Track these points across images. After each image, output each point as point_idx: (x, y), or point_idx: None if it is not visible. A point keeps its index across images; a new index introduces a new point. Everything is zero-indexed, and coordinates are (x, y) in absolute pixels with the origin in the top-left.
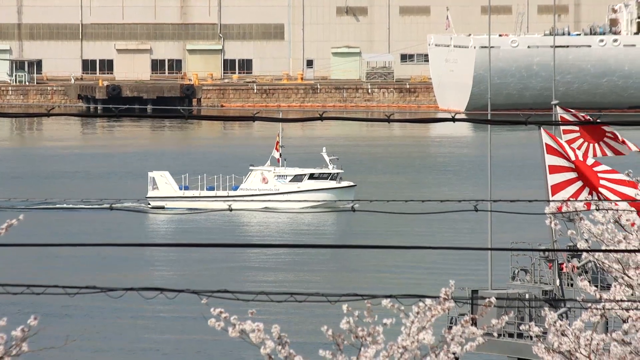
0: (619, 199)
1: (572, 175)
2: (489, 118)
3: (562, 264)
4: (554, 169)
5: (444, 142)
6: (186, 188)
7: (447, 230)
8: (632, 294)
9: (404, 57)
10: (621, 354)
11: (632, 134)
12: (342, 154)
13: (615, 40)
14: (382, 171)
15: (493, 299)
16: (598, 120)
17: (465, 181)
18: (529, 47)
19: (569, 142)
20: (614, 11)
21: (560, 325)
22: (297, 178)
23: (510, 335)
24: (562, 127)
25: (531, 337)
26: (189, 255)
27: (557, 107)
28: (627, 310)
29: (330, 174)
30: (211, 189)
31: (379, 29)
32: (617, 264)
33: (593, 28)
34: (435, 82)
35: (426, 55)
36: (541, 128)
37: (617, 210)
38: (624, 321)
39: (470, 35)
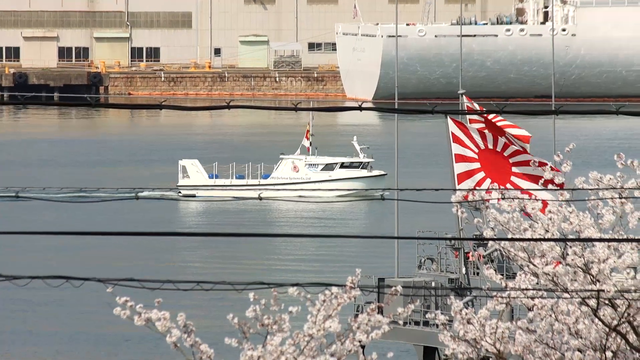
0: (528, 186)
1: (476, 165)
2: (395, 107)
3: (468, 252)
4: (460, 158)
5: (351, 130)
6: (215, 177)
7: (354, 218)
8: (537, 283)
9: (312, 46)
10: (526, 342)
11: (536, 122)
12: (252, 142)
13: (521, 30)
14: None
15: (399, 287)
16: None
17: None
18: (436, 36)
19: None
20: (521, 1)
21: (466, 314)
22: (329, 167)
23: (417, 323)
24: (468, 118)
25: (437, 325)
26: (98, 242)
27: (464, 96)
28: (532, 298)
29: (362, 162)
30: (241, 177)
31: (287, 17)
32: (523, 253)
33: (500, 18)
34: (343, 71)
35: (334, 44)
36: (447, 117)
37: (522, 199)
38: (529, 309)
39: (377, 24)
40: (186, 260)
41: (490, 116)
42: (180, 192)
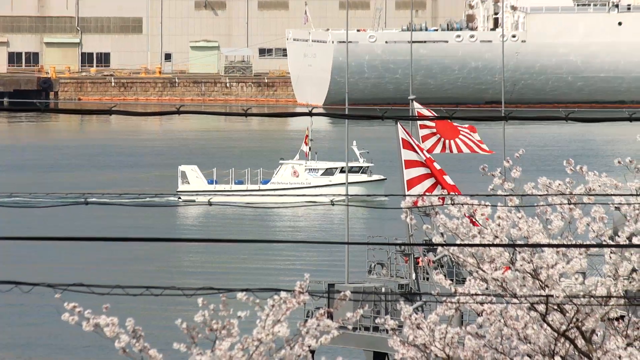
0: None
1: (426, 170)
2: (346, 112)
3: (418, 258)
4: (410, 164)
5: (302, 136)
6: (211, 182)
7: (305, 223)
8: (486, 288)
9: (263, 52)
10: (475, 347)
11: (487, 131)
12: (201, 147)
13: (472, 36)
14: (240, 164)
15: (348, 293)
16: (453, 116)
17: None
18: (386, 42)
19: (425, 137)
20: (471, 7)
21: (416, 319)
22: (329, 171)
23: (366, 328)
24: (419, 122)
25: (387, 331)
26: (49, 248)
27: (414, 102)
28: (482, 304)
29: (362, 167)
30: (240, 182)
31: (238, 23)
32: (472, 258)
33: (450, 24)
34: (294, 77)
35: (284, 49)
36: (398, 123)
37: (471, 204)
38: (479, 315)
39: (328, 30)
40: (136, 265)
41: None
42: (180, 198)
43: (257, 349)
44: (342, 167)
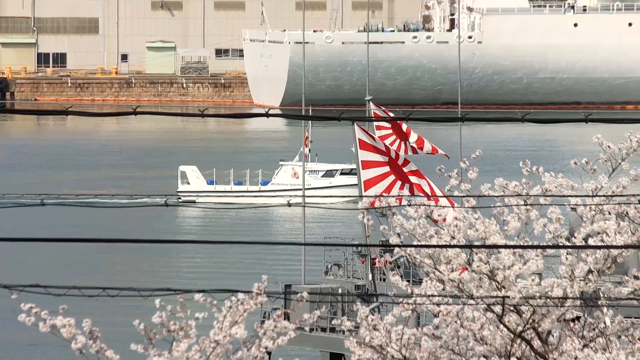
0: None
1: (384, 169)
2: (302, 113)
3: (375, 258)
4: (367, 164)
5: (259, 137)
6: (211, 183)
7: (261, 224)
8: (443, 289)
9: (219, 52)
10: (432, 348)
11: (444, 132)
12: (157, 148)
13: (428, 37)
14: (201, 164)
15: (305, 294)
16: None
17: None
18: (343, 43)
19: (382, 138)
20: (427, 8)
21: (372, 320)
22: (329, 173)
23: (323, 329)
24: (375, 124)
25: (343, 332)
26: (4, 249)
27: (371, 103)
28: (438, 305)
29: (352, 169)
30: (239, 183)
31: (194, 23)
32: (429, 259)
33: (406, 24)
34: (250, 77)
35: (241, 50)
36: (355, 124)
37: (429, 205)
38: (435, 316)
39: (285, 30)
40: (92, 266)
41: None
42: (180, 199)
43: (214, 350)
44: (343, 169)
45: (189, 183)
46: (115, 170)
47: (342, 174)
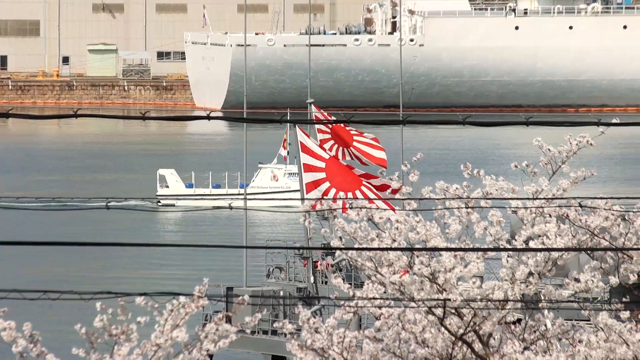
0: (376, 197)
1: (321, 175)
2: (244, 116)
3: (317, 261)
4: (308, 168)
5: (200, 139)
6: (190, 186)
7: (204, 227)
8: (384, 292)
9: (161, 55)
10: (373, 351)
11: (386, 134)
12: (98, 151)
13: (370, 40)
14: (137, 168)
15: (247, 296)
16: (351, 120)
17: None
18: (285, 45)
19: (322, 142)
20: (369, 11)
21: (314, 323)
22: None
23: (265, 332)
24: (317, 127)
25: (285, 334)
26: None
27: (312, 105)
28: (380, 307)
29: None
30: (217, 187)
31: (136, 26)
32: (370, 262)
33: (348, 27)
34: (192, 80)
35: (183, 53)
36: (297, 126)
37: (370, 208)
38: (377, 318)
39: (226, 33)
40: (34, 269)
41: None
42: (159, 202)
43: (155, 353)
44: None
45: (167, 186)
46: (58, 174)
47: None
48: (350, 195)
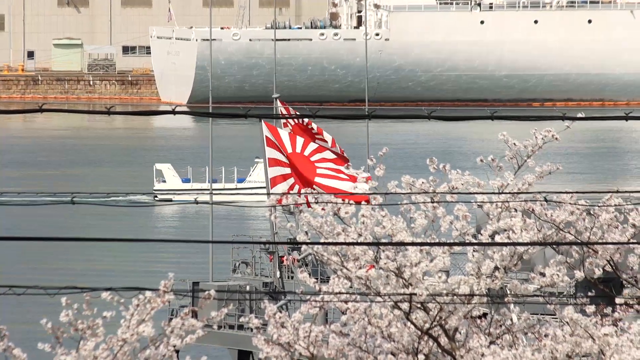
0: (336, 189)
1: (287, 170)
2: (210, 111)
3: (283, 256)
4: (274, 162)
5: (166, 134)
6: (187, 181)
7: (167, 222)
8: (350, 287)
9: (126, 49)
10: (339, 346)
11: (352, 129)
12: (64, 145)
13: (335, 34)
14: (103, 163)
15: (213, 291)
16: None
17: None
18: (250, 40)
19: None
20: (334, 5)
21: (280, 317)
22: None
23: (231, 327)
24: (282, 121)
25: (251, 329)
26: None
27: (278, 100)
28: (346, 302)
29: None
30: (215, 181)
31: (101, 20)
32: (336, 257)
33: (314, 22)
34: (158, 75)
35: (148, 47)
36: (262, 121)
37: (336, 203)
38: (343, 313)
39: (192, 27)
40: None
41: (306, 121)
42: (156, 197)
43: (121, 348)
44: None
45: (164, 181)
46: (22, 168)
47: None
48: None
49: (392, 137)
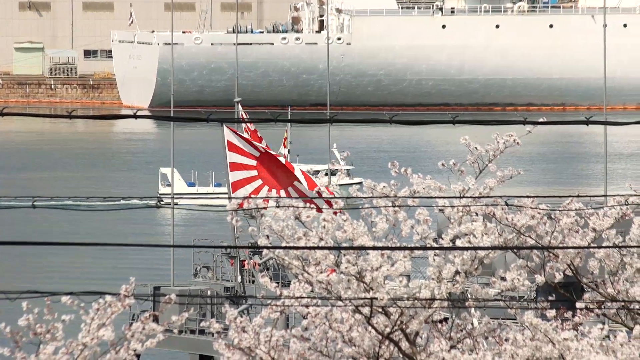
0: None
1: (252, 173)
2: (171, 115)
3: (244, 260)
4: (235, 167)
5: (127, 138)
6: (191, 184)
7: (128, 226)
8: (311, 291)
9: (88, 53)
10: (300, 350)
11: (313, 133)
12: (24, 149)
13: (297, 39)
14: (64, 167)
15: (174, 296)
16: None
17: (147, 178)
18: (212, 44)
19: (248, 141)
20: (296, 9)
21: (241, 322)
22: (313, 174)
23: (192, 331)
24: (243, 126)
25: (212, 334)
26: None
27: (239, 104)
28: (307, 306)
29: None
30: (218, 185)
31: (62, 24)
32: (297, 261)
33: (276, 26)
34: (119, 79)
35: (110, 51)
36: (224, 125)
37: (298, 207)
38: (304, 317)
39: (153, 31)
40: None
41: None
42: (162, 201)
43: (82, 353)
44: (326, 170)
45: (169, 185)
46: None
47: (325, 175)
48: (280, 193)
49: (353, 141)
